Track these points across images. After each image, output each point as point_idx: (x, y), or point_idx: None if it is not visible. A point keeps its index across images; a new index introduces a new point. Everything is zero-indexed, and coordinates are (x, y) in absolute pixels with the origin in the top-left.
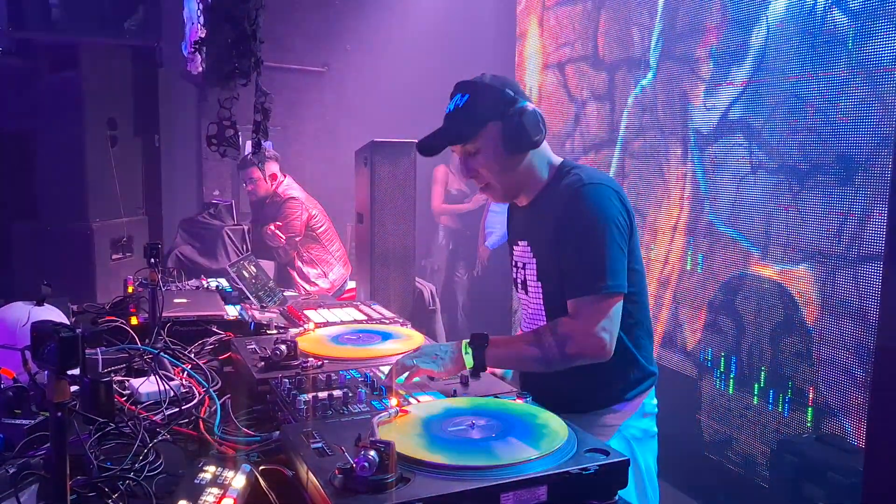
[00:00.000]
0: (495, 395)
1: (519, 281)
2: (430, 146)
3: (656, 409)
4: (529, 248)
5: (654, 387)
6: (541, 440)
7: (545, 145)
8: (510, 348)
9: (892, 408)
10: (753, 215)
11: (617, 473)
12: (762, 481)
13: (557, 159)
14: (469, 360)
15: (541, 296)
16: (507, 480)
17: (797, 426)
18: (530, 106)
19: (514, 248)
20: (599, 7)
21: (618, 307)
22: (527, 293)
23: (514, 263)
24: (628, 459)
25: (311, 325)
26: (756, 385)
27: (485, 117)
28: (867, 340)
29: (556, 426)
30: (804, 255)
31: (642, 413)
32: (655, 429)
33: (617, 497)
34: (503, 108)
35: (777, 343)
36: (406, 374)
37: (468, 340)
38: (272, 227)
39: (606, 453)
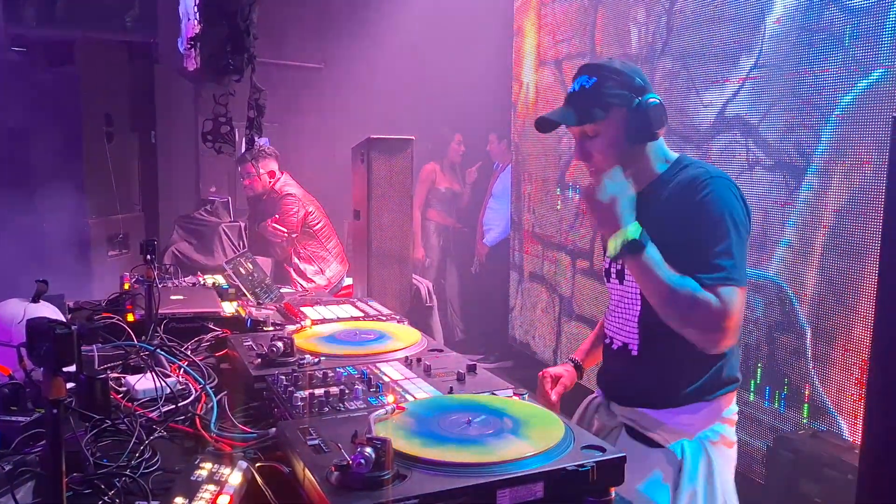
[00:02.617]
0: (492, 392)
1: (614, 270)
2: (549, 123)
3: (736, 417)
4: None
5: (735, 393)
6: (537, 437)
7: (662, 139)
8: (655, 265)
9: (887, 404)
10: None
11: (613, 470)
12: (758, 478)
13: (673, 154)
14: (635, 230)
15: (638, 287)
16: (504, 477)
17: (793, 423)
18: (655, 98)
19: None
20: (597, 4)
21: (741, 297)
22: (621, 282)
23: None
24: (624, 456)
25: (308, 322)
26: (752, 382)
27: (612, 102)
28: (863, 337)
29: (552, 423)
30: (801, 251)
31: (722, 417)
32: (735, 437)
33: (613, 494)
34: (630, 95)
35: (773, 340)
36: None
37: (641, 232)
38: (272, 224)
39: (603, 450)
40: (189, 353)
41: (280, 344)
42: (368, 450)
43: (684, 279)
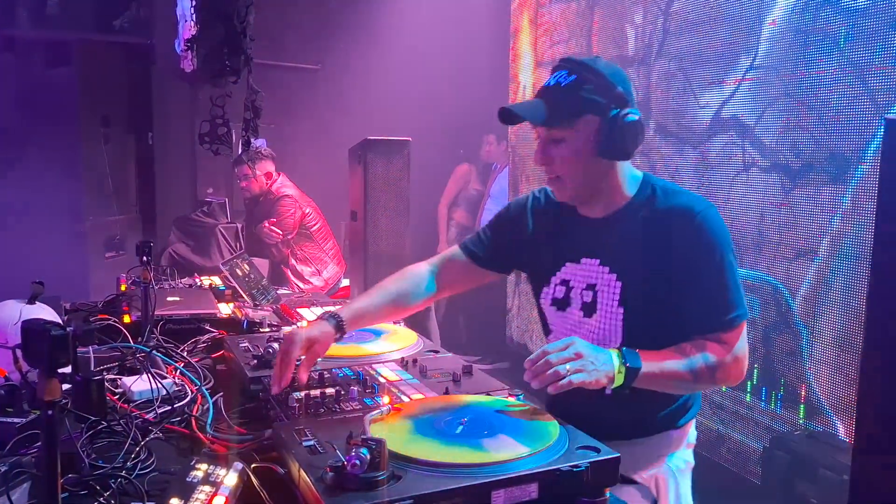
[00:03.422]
0: (487, 393)
1: (578, 302)
2: (512, 116)
3: (695, 441)
4: (606, 268)
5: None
6: (532, 438)
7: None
8: (662, 370)
9: (880, 404)
10: (745, 213)
11: (607, 471)
12: (754, 478)
13: (638, 172)
14: (620, 379)
15: (620, 320)
16: (498, 478)
17: (789, 423)
18: (636, 115)
19: (568, 264)
20: (593, 5)
21: (745, 329)
22: (590, 316)
23: (560, 281)
24: (618, 457)
25: (304, 324)
26: (748, 382)
27: (584, 108)
28: (858, 337)
29: (547, 424)
30: (796, 252)
31: (687, 442)
32: (693, 461)
33: (608, 494)
34: (608, 105)
35: (769, 340)
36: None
37: (621, 357)
38: (267, 225)
39: (597, 450)
40: (185, 354)
41: (276, 345)
42: (363, 451)
43: (687, 354)
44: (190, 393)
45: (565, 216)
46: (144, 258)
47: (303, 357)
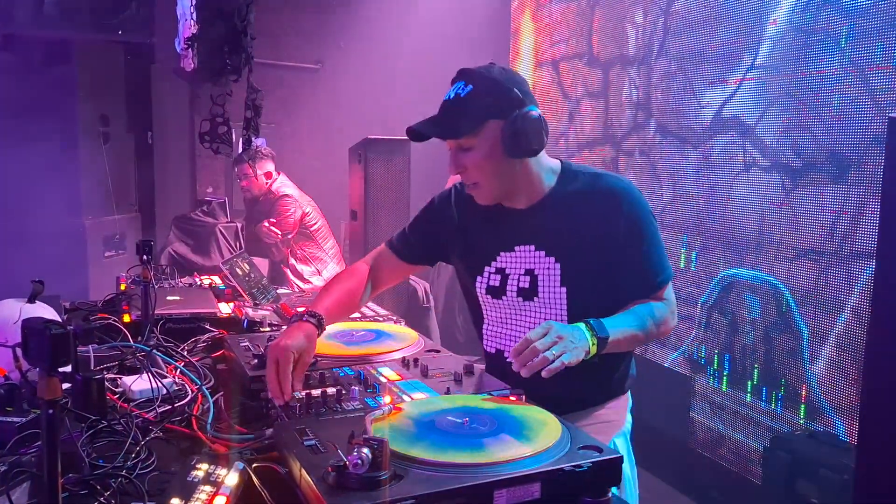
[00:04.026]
0: (489, 393)
1: (514, 287)
2: (420, 133)
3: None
4: (541, 251)
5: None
6: (534, 437)
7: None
8: (623, 334)
9: (884, 405)
10: (747, 213)
11: (610, 470)
12: (755, 478)
13: (555, 162)
14: (594, 349)
15: (563, 301)
16: (501, 477)
17: (790, 423)
18: (535, 112)
19: (502, 254)
20: (594, 4)
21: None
22: (531, 300)
23: (494, 270)
24: (621, 457)
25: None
26: (749, 382)
27: (486, 114)
28: (859, 338)
29: (549, 423)
30: (797, 252)
31: (630, 406)
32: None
33: (610, 494)
34: (507, 108)
35: (770, 340)
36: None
37: (590, 329)
38: (266, 224)
39: (600, 450)
40: (185, 353)
41: None
42: (365, 450)
43: (638, 315)
44: (190, 392)
45: (491, 209)
46: (144, 257)
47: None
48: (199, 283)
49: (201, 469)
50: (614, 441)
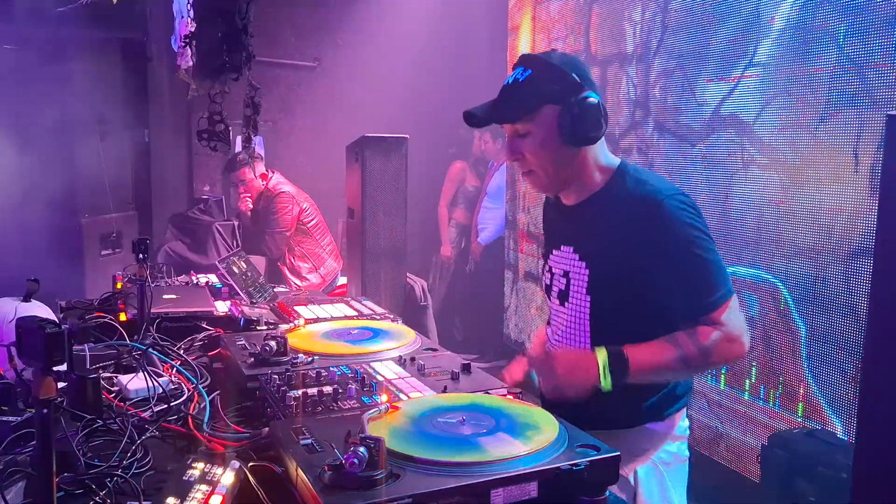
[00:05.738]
0: (486, 391)
1: (556, 290)
2: (478, 118)
3: (688, 432)
4: (577, 255)
5: (687, 406)
6: (531, 436)
7: (603, 143)
8: (652, 366)
9: (882, 402)
10: (745, 210)
11: (607, 469)
12: (753, 476)
13: (615, 160)
14: (607, 384)
15: (587, 309)
16: (497, 476)
17: (788, 421)
18: (594, 98)
19: (553, 253)
20: (591, 2)
21: (737, 305)
22: (564, 304)
23: (548, 269)
24: (618, 455)
25: (301, 321)
26: (747, 380)
27: (543, 99)
28: (857, 336)
29: (546, 422)
30: (795, 250)
31: (676, 434)
32: (687, 452)
33: (607, 493)
34: (565, 93)
35: (768, 338)
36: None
37: (606, 359)
38: (242, 189)
39: (597, 449)
40: (182, 352)
41: (273, 343)
42: (362, 449)
43: (678, 343)
44: (186, 391)
45: (557, 205)
46: (140, 256)
47: None
48: (195, 281)
49: (197, 468)
50: (637, 471)
